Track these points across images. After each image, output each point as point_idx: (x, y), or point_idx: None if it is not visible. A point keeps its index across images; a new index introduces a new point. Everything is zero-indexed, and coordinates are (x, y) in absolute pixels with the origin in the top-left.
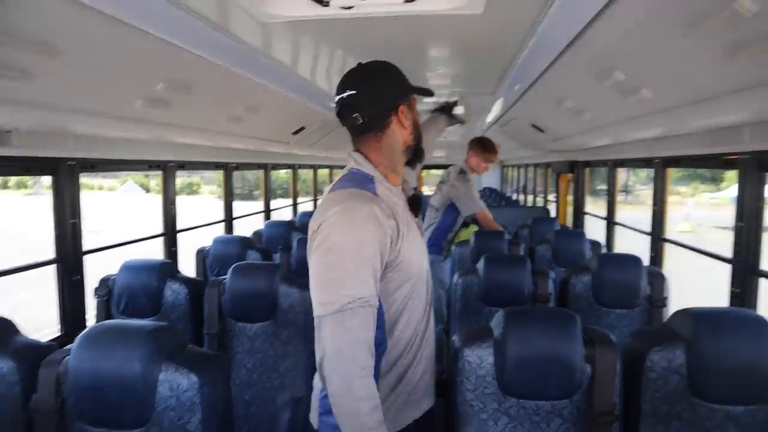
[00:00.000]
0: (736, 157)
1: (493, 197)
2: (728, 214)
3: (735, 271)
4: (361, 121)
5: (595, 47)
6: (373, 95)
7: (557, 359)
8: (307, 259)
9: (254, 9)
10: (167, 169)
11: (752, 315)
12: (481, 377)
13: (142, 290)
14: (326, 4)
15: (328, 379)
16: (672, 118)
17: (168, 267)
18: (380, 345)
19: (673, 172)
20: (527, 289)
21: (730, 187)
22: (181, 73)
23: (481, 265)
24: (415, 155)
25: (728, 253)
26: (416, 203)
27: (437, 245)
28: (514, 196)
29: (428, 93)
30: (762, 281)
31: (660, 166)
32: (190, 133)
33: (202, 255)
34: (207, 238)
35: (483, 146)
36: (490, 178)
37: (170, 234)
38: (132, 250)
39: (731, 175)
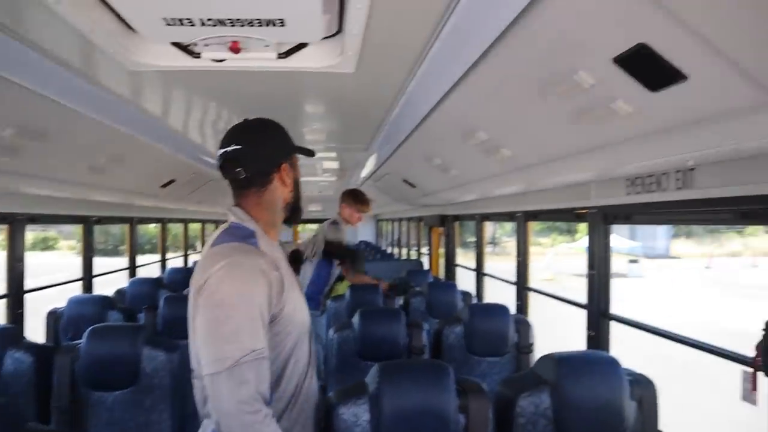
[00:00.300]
0: (585, 211)
1: (369, 251)
2: (582, 263)
3: (590, 315)
4: (244, 176)
5: (460, 108)
6: (258, 152)
7: (432, 411)
8: (175, 319)
9: (120, 56)
10: (14, 222)
11: (605, 356)
12: None
13: None
14: (197, 56)
15: None
16: (530, 175)
17: (10, 333)
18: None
19: (534, 225)
20: (402, 341)
21: (583, 238)
22: (35, 118)
23: (356, 319)
24: (293, 213)
25: (583, 299)
26: (297, 259)
27: (314, 300)
28: (389, 250)
29: (310, 153)
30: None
31: (522, 220)
32: (43, 183)
33: (54, 317)
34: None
35: (355, 197)
36: (365, 231)
37: (15, 295)
38: None
39: (583, 227)
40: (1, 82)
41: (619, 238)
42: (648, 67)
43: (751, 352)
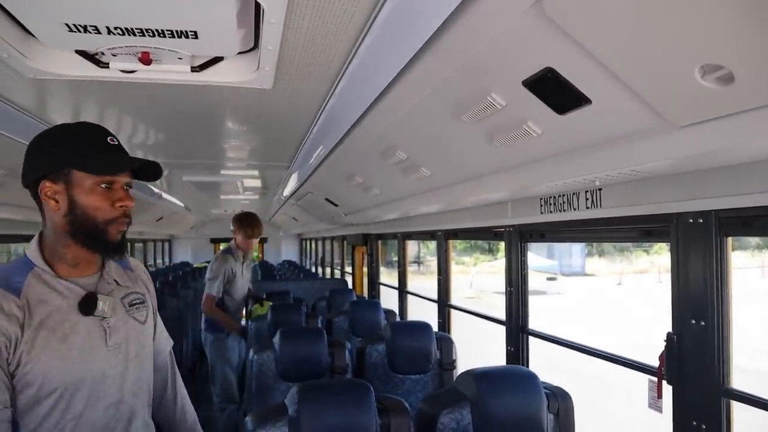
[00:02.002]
0: (502, 229)
1: (292, 270)
2: (503, 280)
3: (509, 331)
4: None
5: (379, 127)
6: (25, 165)
7: (353, 431)
8: None
9: (15, 62)
10: None
11: (524, 371)
12: None
13: None
14: (105, 66)
15: None
16: (449, 194)
17: None
18: None
19: (457, 244)
20: (325, 361)
21: (503, 257)
22: None
23: (277, 339)
24: (92, 245)
25: (503, 315)
26: (87, 304)
27: (215, 325)
28: (313, 269)
29: (107, 169)
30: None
31: (442, 238)
32: None
33: None
34: None
35: (240, 221)
36: (288, 250)
37: None
38: None
39: (503, 245)
40: None
41: (537, 256)
42: (555, 91)
43: (655, 362)
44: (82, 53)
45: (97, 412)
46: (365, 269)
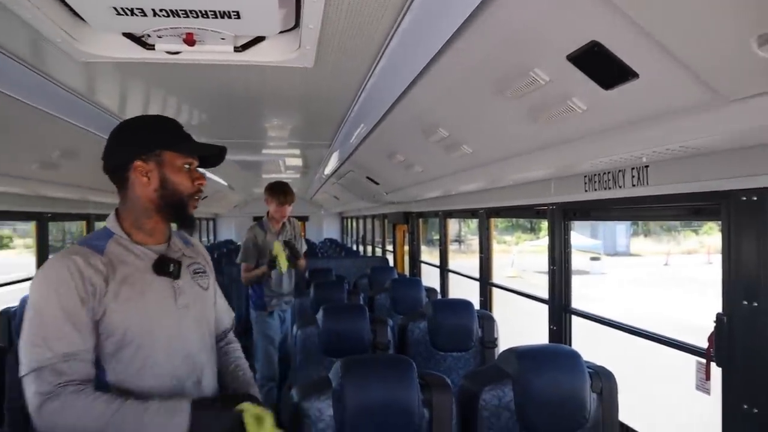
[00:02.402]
0: (545, 207)
1: (333, 248)
2: (546, 260)
3: (551, 310)
4: (107, 172)
5: (420, 105)
6: (112, 147)
7: (396, 406)
8: None
9: (67, 46)
10: None
11: (566, 349)
12: (322, 431)
13: None
14: (151, 48)
15: None
16: (491, 172)
17: None
18: None
19: (498, 222)
20: (367, 337)
21: (546, 236)
22: None
23: (320, 315)
24: (175, 216)
25: (545, 294)
26: (160, 265)
27: (258, 302)
28: (354, 247)
29: (192, 151)
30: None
31: (484, 216)
32: None
33: (6, 317)
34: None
35: (271, 190)
36: (330, 229)
37: None
38: None
39: (546, 224)
40: None
41: (581, 236)
42: (601, 65)
43: (704, 343)
44: (129, 36)
45: (174, 363)
46: (406, 247)
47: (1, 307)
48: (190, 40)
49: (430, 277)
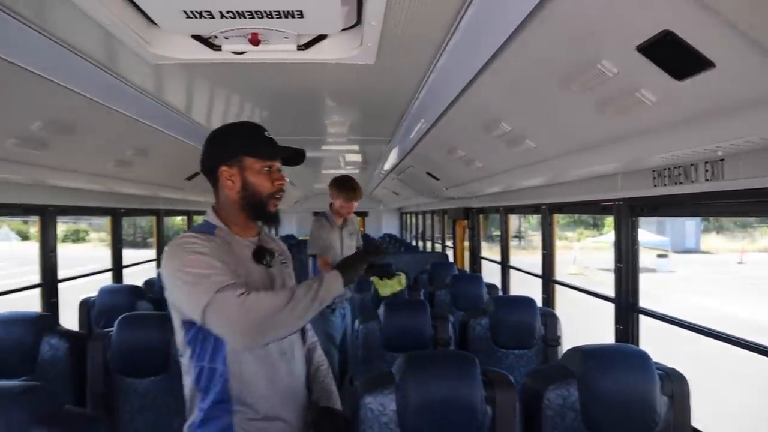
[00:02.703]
0: (611, 203)
1: (393, 243)
2: (609, 257)
3: (617, 309)
4: (204, 174)
5: (482, 99)
6: (205, 152)
7: (458, 402)
8: None
9: (140, 49)
10: (46, 214)
11: (635, 350)
12: (384, 425)
13: (14, 347)
14: (218, 49)
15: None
16: (554, 167)
17: (45, 320)
18: (221, 382)
19: (559, 218)
20: (428, 333)
21: (611, 232)
22: (62, 112)
23: (381, 310)
24: (258, 215)
25: (611, 292)
26: (259, 254)
27: None
28: (414, 242)
29: (273, 155)
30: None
31: (546, 212)
32: (72, 176)
33: (86, 306)
34: (93, 288)
35: (339, 185)
36: (389, 224)
37: (49, 284)
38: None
39: (610, 220)
40: (28, 77)
41: (647, 232)
42: (673, 55)
43: None
44: (197, 37)
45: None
46: (466, 243)
47: (81, 297)
48: (255, 40)
49: (488, 274)
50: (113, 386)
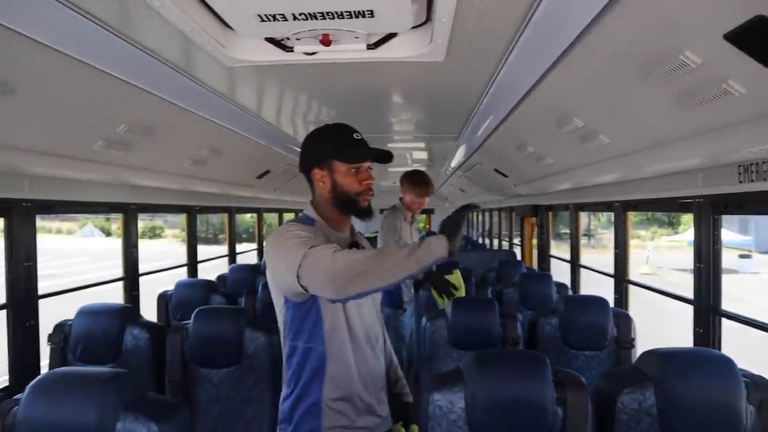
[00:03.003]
0: (690, 200)
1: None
2: (686, 256)
3: (697, 311)
4: (303, 174)
5: (553, 94)
6: (302, 155)
7: (528, 402)
8: (272, 304)
9: (218, 53)
10: (128, 211)
11: (717, 354)
12: (453, 422)
13: (101, 336)
14: (290, 50)
15: (359, 281)
16: (629, 163)
17: (129, 312)
18: (318, 358)
19: (632, 216)
20: (496, 331)
21: (687, 231)
22: (144, 115)
23: (449, 308)
24: (349, 210)
25: (689, 292)
26: (353, 247)
27: (395, 299)
28: (480, 240)
29: (358, 158)
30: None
31: (620, 210)
32: (152, 175)
33: (164, 299)
34: (169, 282)
35: (412, 180)
36: None
37: (131, 278)
38: (92, 294)
39: (687, 218)
40: (115, 83)
41: (729, 231)
42: (765, 43)
43: None
44: (270, 40)
45: (366, 324)
46: (534, 241)
47: (159, 291)
48: (326, 41)
49: (557, 273)
50: (190, 376)
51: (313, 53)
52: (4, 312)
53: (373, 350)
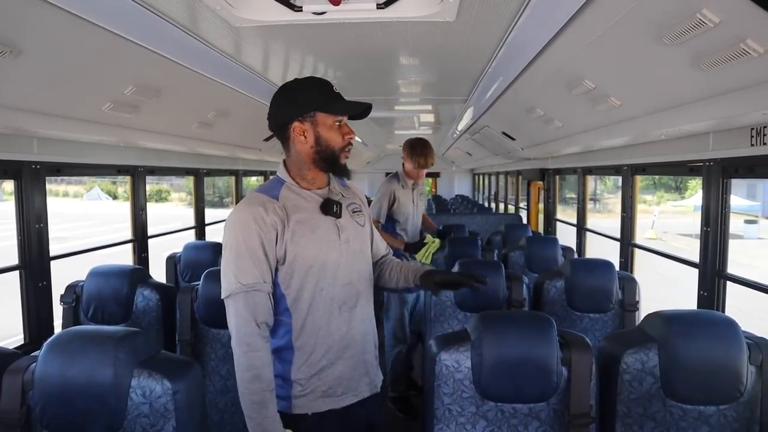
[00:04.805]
0: (700, 164)
1: (465, 204)
2: (691, 222)
3: (702, 275)
4: (271, 132)
5: (564, 56)
6: (273, 111)
7: (534, 362)
8: None
9: (225, 13)
10: (136, 174)
11: (721, 317)
12: (459, 381)
13: (112, 296)
14: (299, 9)
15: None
16: (639, 125)
17: (139, 273)
18: (284, 331)
19: (639, 180)
20: (502, 294)
21: (693, 196)
22: (151, 76)
23: (455, 270)
24: (330, 166)
25: (694, 257)
26: (326, 206)
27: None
28: (486, 204)
29: (343, 111)
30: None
31: (628, 174)
32: (159, 138)
33: (173, 261)
34: (177, 245)
35: (411, 149)
36: (461, 185)
37: (140, 240)
38: (99, 257)
39: (694, 183)
40: (122, 44)
41: (735, 196)
42: None
43: None
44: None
45: (336, 288)
46: (540, 205)
47: (168, 253)
48: (335, 0)
49: (562, 236)
50: (199, 335)
51: (322, 13)
52: (17, 273)
53: (349, 314)
